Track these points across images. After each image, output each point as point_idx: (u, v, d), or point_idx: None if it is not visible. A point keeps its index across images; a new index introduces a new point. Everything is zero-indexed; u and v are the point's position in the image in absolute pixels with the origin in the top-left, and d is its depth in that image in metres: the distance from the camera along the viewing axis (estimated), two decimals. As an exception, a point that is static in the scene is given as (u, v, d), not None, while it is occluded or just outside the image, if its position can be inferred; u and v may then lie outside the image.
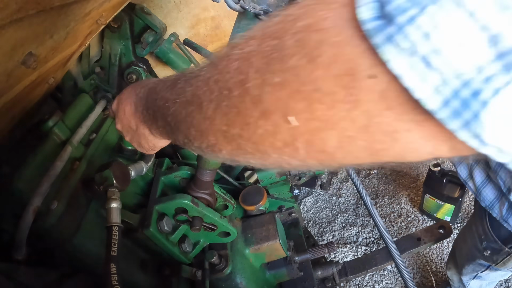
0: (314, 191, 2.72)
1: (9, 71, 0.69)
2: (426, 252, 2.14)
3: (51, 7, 0.67)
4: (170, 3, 1.46)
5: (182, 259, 1.00)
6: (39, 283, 0.71)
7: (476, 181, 1.12)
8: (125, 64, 1.34)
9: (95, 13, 0.98)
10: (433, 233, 1.58)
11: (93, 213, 0.85)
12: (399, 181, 2.61)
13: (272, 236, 1.10)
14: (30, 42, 0.71)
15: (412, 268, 2.09)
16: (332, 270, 1.28)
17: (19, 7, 0.55)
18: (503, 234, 1.18)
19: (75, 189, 0.83)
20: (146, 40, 1.34)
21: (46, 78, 1.00)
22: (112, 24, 1.25)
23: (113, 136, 1.09)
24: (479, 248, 1.31)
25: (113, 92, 1.24)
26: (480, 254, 1.31)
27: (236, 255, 1.07)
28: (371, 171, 2.75)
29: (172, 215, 0.96)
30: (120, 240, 0.69)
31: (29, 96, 0.94)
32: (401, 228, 2.30)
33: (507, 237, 1.18)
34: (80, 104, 1.06)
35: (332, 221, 2.47)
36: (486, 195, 1.10)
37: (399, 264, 1.22)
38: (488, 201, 1.10)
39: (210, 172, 0.95)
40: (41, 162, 0.82)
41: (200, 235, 1.03)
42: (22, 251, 0.69)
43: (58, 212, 0.75)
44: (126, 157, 1.03)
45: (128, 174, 0.86)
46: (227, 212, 1.10)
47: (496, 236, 1.23)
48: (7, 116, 0.87)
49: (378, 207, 2.46)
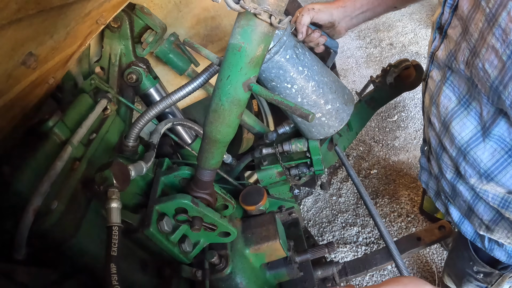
0: (314, 191, 2.72)
1: (9, 71, 0.70)
2: (426, 252, 2.14)
3: (51, 7, 0.67)
4: (170, 3, 1.46)
5: (182, 259, 1.01)
6: (39, 283, 0.71)
7: (454, 217, 1.11)
8: (125, 64, 1.33)
9: (95, 13, 0.98)
10: (433, 233, 1.58)
11: (93, 213, 0.85)
12: (399, 181, 2.61)
13: (272, 236, 1.10)
14: (30, 42, 0.71)
15: (412, 268, 2.09)
16: (332, 270, 1.28)
17: (19, 7, 0.55)
18: (489, 258, 1.18)
19: (75, 189, 0.83)
20: (146, 40, 1.34)
21: (46, 78, 1.00)
22: (112, 24, 1.25)
23: (113, 136, 1.09)
24: (471, 273, 1.32)
25: (113, 92, 1.24)
26: (474, 278, 1.32)
27: (236, 255, 1.07)
28: (371, 171, 2.75)
29: (172, 215, 0.96)
30: (120, 240, 0.69)
31: (29, 96, 0.94)
32: (401, 228, 2.30)
33: (494, 260, 1.17)
34: (80, 104, 1.05)
35: (332, 221, 2.47)
36: (466, 230, 1.08)
37: (399, 264, 1.23)
38: (469, 234, 1.09)
39: (210, 172, 0.95)
40: (41, 162, 0.82)
41: (200, 235, 1.03)
42: (22, 251, 0.69)
43: (58, 212, 0.75)
44: (126, 157, 1.03)
45: (128, 174, 0.86)
46: (227, 212, 1.10)
47: (484, 261, 1.24)
48: (7, 116, 0.87)
49: (378, 207, 2.46)
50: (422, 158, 1.22)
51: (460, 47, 0.80)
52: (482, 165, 0.85)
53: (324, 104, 1.19)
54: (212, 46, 1.62)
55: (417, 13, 4.66)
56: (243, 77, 0.72)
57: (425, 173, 1.23)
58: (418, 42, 4.07)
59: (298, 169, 1.42)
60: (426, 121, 1.06)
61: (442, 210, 1.17)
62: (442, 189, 1.11)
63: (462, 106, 0.86)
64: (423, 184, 1.26)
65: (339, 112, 1.23)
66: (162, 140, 1.45)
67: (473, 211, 0.98)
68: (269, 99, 0.73)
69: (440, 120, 0.94)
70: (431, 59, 0.96)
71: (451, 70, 0.88)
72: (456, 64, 0.83)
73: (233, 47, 0.70)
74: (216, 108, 0.78)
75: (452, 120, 0.88)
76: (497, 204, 0.89)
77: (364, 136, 3.10)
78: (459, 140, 0.88)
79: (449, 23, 0.86)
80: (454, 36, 0.83)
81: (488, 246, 1.05)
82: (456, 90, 0.88)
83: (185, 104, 1.71)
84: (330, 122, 1.24)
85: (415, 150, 2.82)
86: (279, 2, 0.64)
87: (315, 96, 1.16)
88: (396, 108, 3.27)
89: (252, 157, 1.46)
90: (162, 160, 1.14)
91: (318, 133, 1.28)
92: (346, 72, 4.01)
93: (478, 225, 1.00)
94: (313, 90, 1.14)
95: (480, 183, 0.89)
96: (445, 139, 0.94)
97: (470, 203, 0.98)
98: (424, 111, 1.11)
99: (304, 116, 0.69)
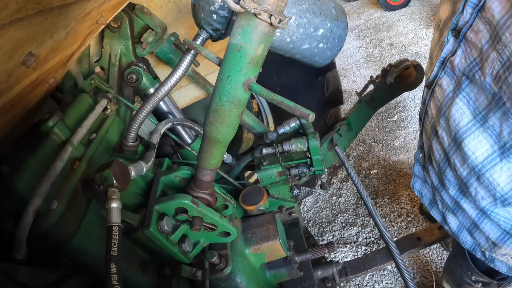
0: (314, 191, 2.72)
1: (9, 71, 0.69)
2: (426, 252, 2.14)
3: (51, 7, 0.67)
4: (170, 3, 1.46)
5: (182, 259, 1.00)
6: (39, 283, 0.71)
7: (452, 227, 1.06)
8: (125, 64, 1.33)
9: (95, 13, 0.98)
10: (433, 233, 1.58)
11: (93, 213, 0.85)
12: (399, 181, 2.61)
13: (272, 236, 1.10)
14: (30, 42, 0.71)
15: (412, 268, 2.09)
16: (332, 270, 1.28)
17: (19, 7, 0.55)
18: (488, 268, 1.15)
19: (75, 189, 0.83)
20: (146, 40, 1.34)
21: (46, 78, 1.00)
22: (112, 24, 1.25)
23: (113, 136, 1.09)
24: (469, 281, 1.29)
25: (113, 92, 1.24)
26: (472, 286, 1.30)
27: (236, 255, 1.07)
28: (371, 171, 2.75)
29: (172, 215, 0.96)
30: (120, 240, 0.69)
31: (29, 96, 0.94)
32: (401, 228, 2.30)
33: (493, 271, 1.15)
34: (80, 104, 1.05)
35: (332, 221, 2.47)
36: (465, 239, 1.04)
37: (399, 264, 1.23)
38: (468, 245, 1.04)
39: (210, 172, 0.95)
40: (41, 162, 0.82)
41: (200, 235, 1.03)
42: (22, 251, 0.69)
43: (58, 212, 0.75)
44: (126, 157, 1.03)
45: (128, 174, 0.86)
46: (227, 212, 1.10)
47: (481, 271, 1.20)
48: (7, 116, 0.87)
49: (378, 207, 2.46)
50: (417, 166, 1.18)
51: (488, 57, 0.70)
52: (498, 188, 0.79)
53: (315, 31, 1.13)
54: (212, 46, 1.62)
55: (417, 13, 4.66)
56: (243, 77, 0.72)
57: (418, 181, 1.19)
58: (418, 42, 4.07)
59: (298, 169, 1.42)
60: (430, 131, 0.98)
61: (438, 218, 1.13)
62: (440, 199, 1.06)
63: (478, 122, 0.78)
64: (416, 192, 1.22)
65: (333, 31, 1.18)
66: (162, 140, 1.45)
67: (478, 228, 0.93)
68: (269, 99, 0.73)
69: (450, 135, 0.86)
70: (442, 65, 0.87)
71: (469, 81, 0.79)
72: (481, 76, 0.73)
73: (233, 47, 0.70)
74: (216, 108, 0.78)
75: (465, 137, 0.81)
76: (509, 228, 0.83)
77: (364, 136, 3.10)
78: (473, 160, 0.81)
79: (470, 26, 0.75)
80: (478, 43, 0.73)
81: (488, 256, 1.00)
82: (471, 104, 0.79)
83: (185, 104, 1.71)
84: (329, 44, 1.19)
85: (415, 150, 2.82)
86: (279, 2, 0.64)
87: (302, 29, 1.10)
88: (396, 108, 3.27)
89: (252, 157, 1.46)
90: (162, 160, 1.13)
91: (323, 59, 1.24)
92: (346, 72, 4.01)
93: (483, 241, 0.95)
94: (297, 24, 1.09)
95: (493, 206, 0.83)
96: (455, 156, 0.87)
97: (475, 220, 0.93)
98: (422, 118, 1.04)
99: (305, 116, 0.69)
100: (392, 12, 4.88)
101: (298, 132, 1.41)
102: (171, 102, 1.50)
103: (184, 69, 1.00)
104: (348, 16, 5.24)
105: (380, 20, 4.81)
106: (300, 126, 1.41)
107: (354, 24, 4.94)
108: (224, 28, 0.98)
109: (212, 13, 0.93)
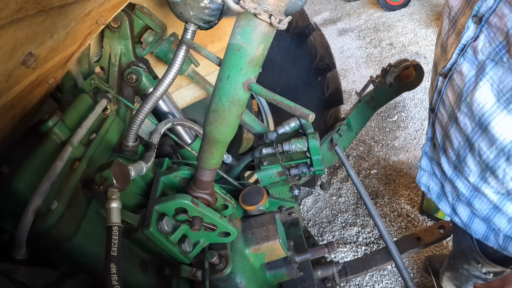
0: (314, 191, 2.72)
1: (9, 71, 0.69)
2: (426, 252, 2.14)
3: (51, 7, 0.67)
4: (170, 3, 1.46)
5: (182, 259, 1.01)
6: (39, 283, 0.71)
7: (462, 218, 1.07)
8: (125, 64, 1.33)
9: (95, 13, 0.98)
10: (433, 233, 1.57)
11: (93, 213, 0.85)
12: (399, 181, 2.61)
13: (272, 236, 1.10)
14: (30, 42, 0.71)
15: (412, 268, 2.09)
16: (332, 270, 1.28)
17: (19, 7, 0.55)
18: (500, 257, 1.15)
19: (75, 189, 0.83)
20: (146, 40, 1.34)
21: (46, 78, 1.00)
22: (112, 24, 1.25)
23: (113, 136, 1.09)
24: (479, 275, 1.28)
25: (113, 92, 1.24)
26: (482, 279, 1.29)
27: (236, 255, 1.07)
28: (371, 171, 2.75)
29: (172, 215, 0.96)
30: (120, 240, 0.69)
31: (29, 96, 0.94)
32: (401, 228, 2.30)
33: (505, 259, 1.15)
34: (80, 104, 1.05)
35: (332, 221, 2.47)
36: (477, 228, 1.05)
37: (399, 264, 1.23)
38: (480, 233, 1.05)
39: (210, 172, 0.95)
40: (41, 162, 0.82)
41: (200, 235, 1.03)
42: (22, 251, 0.69)
43: (58, 212, 0.75)
44: (126, 157, 1.03)
45: (128, 174, 0.86)
46: (227, 212, 1.10)
47: (492, 261, 1.20)
48: (7, 116, 0.87)
49: (378, 207, 2.47)
50: (424, 159, 1.18)
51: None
52: None
53: None
54: (212, 46, 1.62)
55: (417, 13, 4.66)
56: (243, 77, 0.72)
57: (425, 174, 1.20)
58: (418, 42, 4.07)
59: (298, 169, 1.42)
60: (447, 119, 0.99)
61: (446, 211, 1.13)
62: (451, 190, 1.06)
63: (502, 105, 0.80)
64: (423, 187, 1.23)
65: None
66: (162, 140, 1.45)
67: (500, 210, 0.95)
68: (269, 99, 0.73)
69: (474, 119, 0.87)
70: (461, 52, 0.88)
71: (493, 64, 0.80)
72: (509, 59, 0.75)
73: (233, 47, 0.70)
74: (216, 108, 0.78)
75: (491, 120, 0.82)
76: None
77: (364, 136, 3.10)
78: (502, 141, 0.82)
79: (493, 11, 0.77)
80: (504, 27, 0.75)
81: (502, 243, 1.01)
82: (495, 87, 0.81)
83: (185, 104, 1.71)
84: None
85: (415, 150, 2.82)
86: (279, 2, 0.64)
87: None
88: (396, 108, 3.27)
89: (252, 157, 1.46)
90: (162, 160, 1.13)
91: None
92: (346, 72, 4.01)
93: (504, 223, 0.96)
94: None
95: None
96: (480, 140, 0.88)
97: (496, 204, 0.94)
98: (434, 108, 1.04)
99: (304, 116, 0.69)
100: (392, 12, 4.88)
101: (298, 132, 1.41)
102: (171, 102, 1.50)
103: (179, 64, 0.99)
104: (348, 16, 5.25)
105: (380, 20, 4.81)
106: (300, 126, 1.41)
107: (354, 24, 4.95)
108: (217, 19, 0.97)
109: (203, 9, 0.93)
